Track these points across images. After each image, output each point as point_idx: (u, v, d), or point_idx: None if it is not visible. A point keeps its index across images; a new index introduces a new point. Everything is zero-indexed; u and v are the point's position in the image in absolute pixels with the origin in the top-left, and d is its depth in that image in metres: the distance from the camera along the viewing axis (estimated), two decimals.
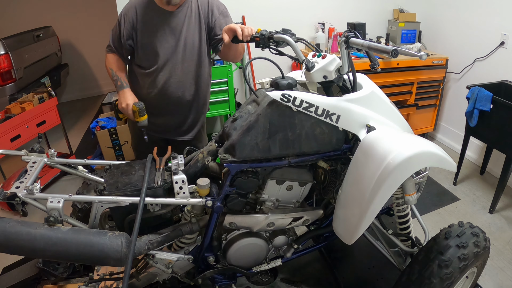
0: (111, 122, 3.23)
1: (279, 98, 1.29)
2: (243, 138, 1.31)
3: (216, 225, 1.45)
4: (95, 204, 1.29)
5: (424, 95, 3.37)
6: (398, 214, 1.60)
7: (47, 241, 1.12)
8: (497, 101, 2.40)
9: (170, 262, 1.43)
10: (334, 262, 2.14)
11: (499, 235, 2.36)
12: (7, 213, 2.65)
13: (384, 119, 1.41)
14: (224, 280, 1.63)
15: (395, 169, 1.20)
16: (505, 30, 2.80)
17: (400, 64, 3.13)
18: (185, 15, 1.82)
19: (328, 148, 1.41)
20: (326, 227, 1.66)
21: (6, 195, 1.17)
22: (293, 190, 1.49)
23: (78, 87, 5.46)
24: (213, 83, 2.74)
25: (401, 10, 3.56)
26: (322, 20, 3.36)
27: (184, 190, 1.33)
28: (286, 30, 1.47)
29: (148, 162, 1.42)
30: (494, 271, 2.08)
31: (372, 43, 1.15)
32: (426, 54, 1.08)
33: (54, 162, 1.47)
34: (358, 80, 1.47)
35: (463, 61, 3.23)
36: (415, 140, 1.29)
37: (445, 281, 1.34)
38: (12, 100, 3.23)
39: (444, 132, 3.67)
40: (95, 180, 1.58)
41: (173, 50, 1.83)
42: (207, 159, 1.47)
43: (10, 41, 3.56)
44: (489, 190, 2.82)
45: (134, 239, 1.20)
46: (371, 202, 1.25)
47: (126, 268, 1.16)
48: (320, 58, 1.34)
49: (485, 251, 1.47)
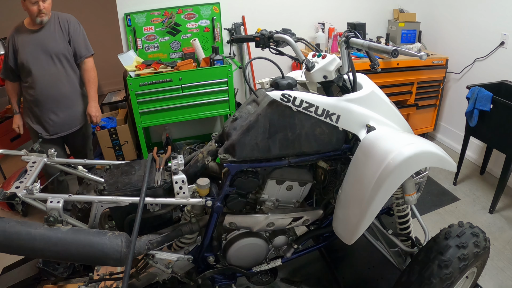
0: (111, 122, 3.23)
1: (279, 98, 1.29)
2: (243, 138, 1.31)
3: (216, 225, 1.45)
4: (95, 204, 1.29)
5: (424, 95, 3.37)
6: (398, 214, 1.60)
7: (47, 241, 1.12)
8: (497, 101, 2.40)
9: (170, 262, 1.43)
10: (334, 262, 2.14)
11: (499, 235, 2.36)
12: (7, 213, 2.65)
13: (384, 119, 1.41)
14: (224, 280, 1.63)
15: (395, 169, 1.20)
16: (505, 30, 2.79)
17: (400, 64, 3.12)
18: (49, 30, 2.19)
19: (328, 148, 1.41)
20: (326, 227, 1.66)
21: (6, 195, 1.17)
22: (293, 190, 1.49)
23: None
24: (213, 83, 2.76)
25: (401, 10, 3.56)
26: (322, 20, 3.36)
27: (184, 190, 1.33)
28: (286, 30, 1.47)
29: (148, 162, 1.42)
30: (494, 271, 2.08)
31: (372, 43, 1.15)
32: (426, 54, 1.08)
33: (54, 162, 1.47)
34: (358, 80, 1.47)
35: (463, 61, 3.23)
36: (415, 140, 1.29)
37: (445, 281, 1.34)
38: None
39: (444, 132, 3.67)
40: (95, 180, 1.58)
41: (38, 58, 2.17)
42: (207, 159, 1.47)
43: None
44: (489, 190, 2.82)
45: (134, 239, 1.19)
46: (371, 202, 1.25)
47: (126, 268, 1.16)
48: (320, 58, 1.34)
49: (485, 251, 1.47)
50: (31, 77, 2.20)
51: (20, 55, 2.16)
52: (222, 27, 3.14)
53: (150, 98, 2.68)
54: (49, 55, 2.19)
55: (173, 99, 2.72)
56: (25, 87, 2.26)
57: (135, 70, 2.73)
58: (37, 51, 2.17)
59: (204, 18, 3.07)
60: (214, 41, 3.16)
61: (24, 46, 2.16)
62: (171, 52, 3.12)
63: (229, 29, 3.19)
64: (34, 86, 2.21)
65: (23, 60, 2.17)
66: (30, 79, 2.20)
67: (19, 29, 2.18)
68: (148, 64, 2.79)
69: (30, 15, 2.11)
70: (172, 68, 2.77)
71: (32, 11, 2.07)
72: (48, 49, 2.19)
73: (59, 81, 2.26)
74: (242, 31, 3.22)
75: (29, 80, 2.21)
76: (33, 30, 2.17)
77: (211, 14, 3.07)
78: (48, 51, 2.19)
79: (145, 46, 3.04)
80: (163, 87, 2.66)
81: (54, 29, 2.22)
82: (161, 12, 2.96)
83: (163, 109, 2.75)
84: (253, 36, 1.57)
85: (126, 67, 2.75)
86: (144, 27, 2.97)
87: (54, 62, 2.22)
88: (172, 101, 2.73)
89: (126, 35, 2.99)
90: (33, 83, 2.20)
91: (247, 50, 3.33)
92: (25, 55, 2.16)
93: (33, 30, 2.17)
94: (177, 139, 3.47)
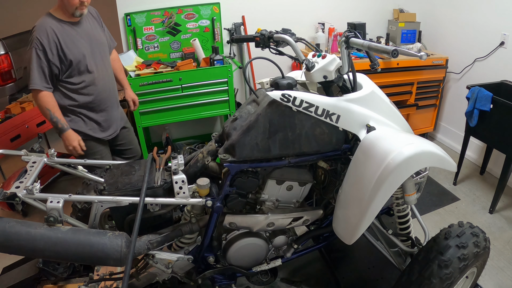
0: None
1: (279, 98, 1.29)
2: (243, 138, 1.31)
3: (216, 225, 1.45)
4: (95, 204, 1.29)
5: (424, 95, 3.37)
6: (398, 214, 1.60)
7: (47, 241, 1.12)
8: (497, 101, 2.40)
9: (170, 262, 1.43)
10: (334, 262, 2.14)
11: (499, 235, 2.36)
12: (7, 213, 2.65)
13: (384, 119, 1.41)
14: (224, 280, 1.63)
15: (395, 169, 1.20)
16: (505, 30, 2.79)
17: (400, 64, 3.12)
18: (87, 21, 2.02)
19: (328, 148, 1.41)
20: (326, 227, 1.66)
21: (6, 195, 1.17)
22: (293, 190, 1.49)
23: None
24: (213, 83, 2.76)
25: (401, 10, 3.56)
26: (322, 20, 3.36)
27: (184, 190, 1.33)
28: (286, 30, 1.47)
29: (148, 162, 1.42)
30: (494, 271, 2.08)
31: (372, 43, 1.15)
32: (426, 54, 1.08)
33: (54, 162, 1.47)
34: (358, 80, 1.47)
35: (463, 61, 3.23)
36: (415, 140, 1.29)
37: (445, 281, 1.34)
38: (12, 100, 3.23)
39: (444, 132, 3.67)
40: (95, 180, 1.58)
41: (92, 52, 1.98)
42: (207, 159, 1.47)
43: (10, 41, 3.56)
44: (489, 190, 2.82)
45: (134, 239, 1.19)
46: (371, 202, 1.25)
47: (126, 268, 1.16)
48: (320, 58, 1.34)
49: (485, 251, 1.47)
50: (88, 76, 1.95)
51: (73, 52, 1.87)
52: (222, 27, 3.14)
53: (150, 98, 2.68)
54: (99, 48, 2.02)
55: (173, 99, 2.73)
56: (74, 90, 1.95)
57: (135, 70, 2.74)
58: (90, 45, 1.96)
59: (204, 18, 3.07)
60: (214, 41, 3.16)
61: (75, 42, 1.89)
62: (171, 52, 3.12)
63: (229, 29, 3.19)
64: (93, 85, 1.98)
65: (78, 57, 1.89)
66: (86, 78, 1.95)
67: (55, 23, 1.85)
68: (148, 64, 2.79)
69: (68, 7, 1.84)
70: (172, 68, 2.78)
71: (71, 3, 1.82)
72: (97, 42, 2.01)
73: (111, 75, 2.12)
74: (242, 31, 3.22)
75: (84, 79, 1.94)
76: (74, 23, 1.92)
77: (211, 14, 3.07)
78: (97, 44, 2.01)
79: (145, 46, 3.04)
80: (163, 87, 2.67)
81: (92, 21, 2.04)
82: (161, 12, 2.96)
83: (163, 109, 2.75)
84: (253, 36, 1.57)
85: (126, 67, 2.75)
86: (144, 27, 2.97)
87: (104, 55, 2.06)
88: (172, 101, 2.73)
89: (126, 35, 2.99)
90: (91, 82, 1.97)
91: (247, 50, 3.33)
92: (79, 51, 1.89)
93: (74, 22, 1.92)
94: (177, 139, 3.47)
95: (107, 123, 2.12)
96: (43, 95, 1.85)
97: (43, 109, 1.87)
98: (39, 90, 1.84)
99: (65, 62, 1.87)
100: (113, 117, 2.16)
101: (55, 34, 1.82)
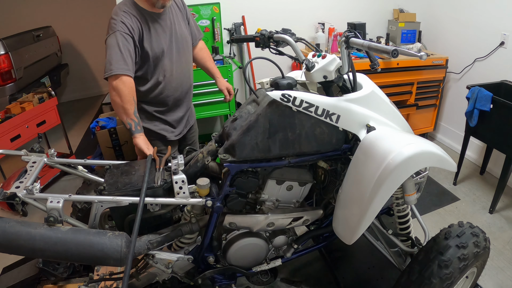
0: (111, 122, 3.22)
1: (279, 98, 1.29)
2: (243, 138, 1.31)
3: (216, 225, 1.45)
4: (95, 204, 1.29)
5: (424, 95, 3.37)
6: (398, 214, 1.60)
7: (47, 241, 1.12)
8: (497, 101, 2.40)
9: (170, 262, 1.43)
10: (334, 262, 2.14)
11: (499, 235, 2.36)
12: (7, 213, 2.65)
13: (384, 119, 1.41)
14: (224, 280, 1.63)
15: (395, 169, 1.20)
16: (505, 30, 2.79)
17: (400, 64, 3.12)
18: (171, 13, 1.85)
19: (328, 148, 1.41)
20: (326, 227, 1.66)
21: (6, 195, 1.17)
22: (293, 190, 1.49)
23: (78, 87, 5.46)
24: (213, 83, 2.74)
25: (401, 10, 3.56)
26: (322, 20, 3.36)
27: (184, 190, 1.33)
28: (286, 30, 1.47)
29: (148, 162, 1.42)
30: (494, 271, 2.08)
31: (372, 43, 1.15)
32: (426, 54, 1.08)
33: (54, 162, 1.47)
34: (358, 80, 1.47)
35: (463, 61, 3.23)
36: (415, 140, 1.29)
37: (445, 281, 1.34)
38: (12, 100, 3.23)
39: (444, 132, 3.67)
40: (95, 180, 1.58)
41: (170, 48, 1.83)
42: (207, 159, 1.47)
43: (10, 41, 3.56)
44: (489, 190, 2.82)
45: (134, 239, 1.19)
46: (371, 202, 1.25)
47: (126, 268, 1.16)
48: (320, 58, 1.34)
49: (485, 251, 1.47)
50: (164, 72, 1.79)
51: (152, 47, 1.70)
52: (222, 27, 3.14)
53: None
54: (178, 44, 1.84)
55: None
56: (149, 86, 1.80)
57: None
58: (170, 39, 1.79)
59: (204, 18, 3.07)
60: (214, 41, 3.15)
61: (158, 33, 1.73)
62: None
63: (229, 29, 3.19)
64: (168, 82, 1.83)
65: (156, 53, 1.72)
66: (162, 74, 1.79)
67: (137, 11, 1.67)
68: None
69: None
70: None
71: None
72: (178, 38, 1.84)
73: (188, 72, 1.94)
74: (242, 31, 3.23)
75: (158, 75, 1.79)
76: (157, 14, 1.74)
77: (211, 14, 3.07)
78: (178, 40, 1.84)
79: None
80: None
81: (175, 12, 1.86)
82: None
83: None
84: (253, 36, 1.57)
85: None
86: None
87: (183, 52, 1.88)
88: None
89: None
90: (166, 79, 1.82)
91: (247, 50, 3.33)
92: (159, 47, 1.73)
93: (156, 13, 1.74)
94: None
95: (176, 123, 1.99)
96: (119, 86, 1.57)
97: (128, 98, 1.58)
98: (127, 76, 1.58)
99: (142, 56, 1.70)
100: (185, 116, 2.03)
101: (139, 22, 1.65)
